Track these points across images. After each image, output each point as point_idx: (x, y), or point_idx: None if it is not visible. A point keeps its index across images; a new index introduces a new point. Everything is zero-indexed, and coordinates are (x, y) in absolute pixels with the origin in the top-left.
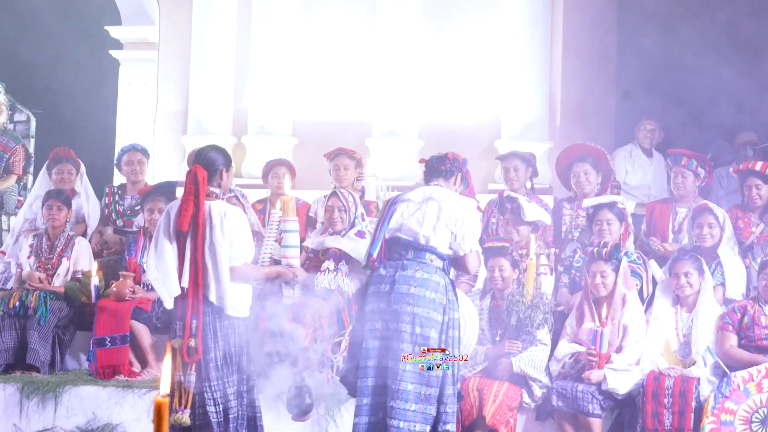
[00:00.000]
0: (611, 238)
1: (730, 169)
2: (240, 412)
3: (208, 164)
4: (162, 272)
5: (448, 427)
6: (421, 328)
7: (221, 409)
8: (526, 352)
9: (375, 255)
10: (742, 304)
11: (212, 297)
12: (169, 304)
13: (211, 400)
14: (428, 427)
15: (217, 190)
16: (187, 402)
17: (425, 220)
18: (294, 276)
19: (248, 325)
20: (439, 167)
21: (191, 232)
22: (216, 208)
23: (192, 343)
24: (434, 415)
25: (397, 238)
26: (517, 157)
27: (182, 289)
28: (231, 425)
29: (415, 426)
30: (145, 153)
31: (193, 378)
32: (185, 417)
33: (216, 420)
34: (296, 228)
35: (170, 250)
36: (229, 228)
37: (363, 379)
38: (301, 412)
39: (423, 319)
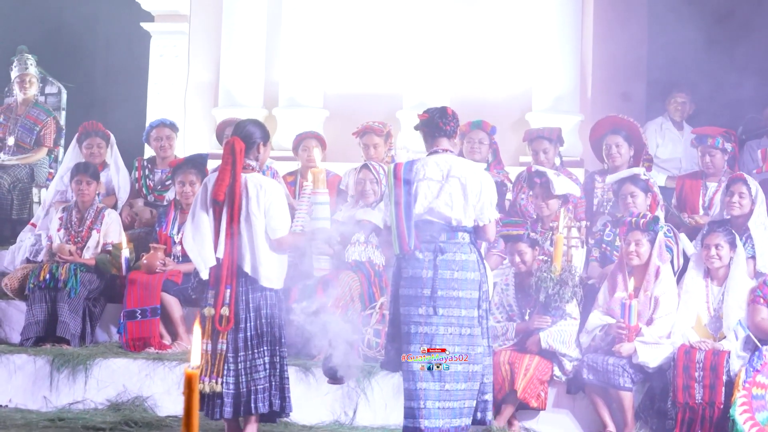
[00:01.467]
0: (637, 210)
1: (759, 152)
2: (273, 382)
3: (246, 137)
4: (198, 242)
5: (486, 396)
6: (466, 310)
7: (243, 380)
8: (555, 327)
9: (412, 245)
10: None
11: (246, 267)
12: (204, 275)
13: (232, 371)
14: (474, 402)
15: (253, 163)
16: (219, 370)
17: (453, 202)
18: (335, 240)
19: (281, 297)
20: (444, 127)
21: (227, 203)
22: (252, 180)
23: (225, 311)
24: (477, 389)
25: (427, 221)
26: (544, 139)
27: (217, 259)
28: (260, 395)
29: (464, 403)
30: (173, 128)
31: (224, 346)
32: (218, 386)
33: (226, 390)
34: (327, 200)
35: (207, 221)
36: (265, 200)
37: (412, 364)
38: (336, 375)
39: (467, 301)
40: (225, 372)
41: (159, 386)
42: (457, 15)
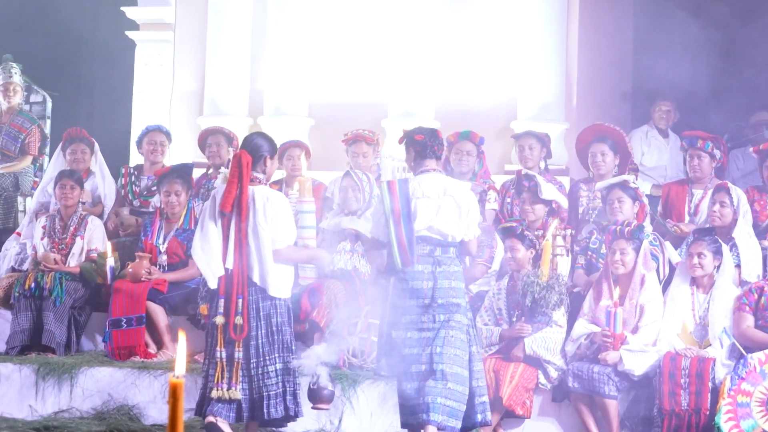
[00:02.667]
0: (623, 216)
1: (750, 149)
2: (287, 388)
3: (254, 150)
4: (207, 253)
5: (483, 398)
6: (462, 315)
7: (255, 386)
8: (540, 333)
9: (414, 259)
10: (759, 285)
11: (255, 277)
12: (213, 284)
13: (245, 378)
14: (464, 406)
15: (261, 176)
16: (237, 378)
17: (450, 220)
18: (329, 263)
19: (289, 305)
20: (438, 150)
21: (236, 215)
22: (259, 193)
23: (239, 321)
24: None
25: (425, 237)
26: (532, 135)
27: (226, 270)
28: (272, 401)
29: (460, 406)
30: (168, 136)
31: (241, 354)
32: (236, 393)
33: (243, 396)
34: (313, 209)
35: (215, 232)
36: (272, 212)
37: (415, 365)
38: (320, 400)
39: (463, 307)
40: (240, 379)
41: (144, 395)
42: (442, 24)
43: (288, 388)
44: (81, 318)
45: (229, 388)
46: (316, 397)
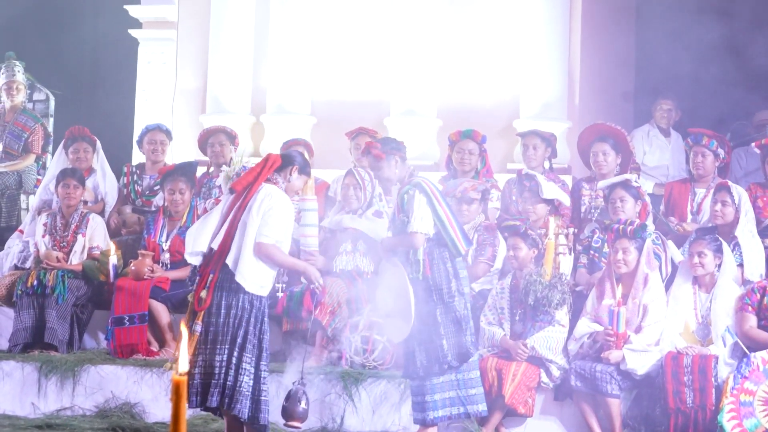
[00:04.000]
0: (625, 215)
1: (753, 144)
2: (227, 383)
3: (285, 156)
4: (198, 229)
5: (473, 391)
6: None
7: (200, 372)
8: (542, 332)
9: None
10: (762, 285)
11: (229, 260)
12: (190, 259)
13: (199, 360)
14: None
15: (280, 180)
16: (194, 350)
17: None
18: (317, 279)
19: (259, 306)
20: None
21: (239, 202)
22: (266, 189)
23: (203, 294)
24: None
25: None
26: (537, 135)
27: (211, 249)
28: (211, 389)
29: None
30: (168, 135)
31: (199, 327)
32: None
33: (191, 381)
34: (315, 207)
35: (217, 212)
36: (267, 206)
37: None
38: (293, 419)
39: None
40: (198, 359)
41: (147, 393)
42: (444, 22)
43: (241, 389)
44: (83, 316)
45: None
46: (288, 414)
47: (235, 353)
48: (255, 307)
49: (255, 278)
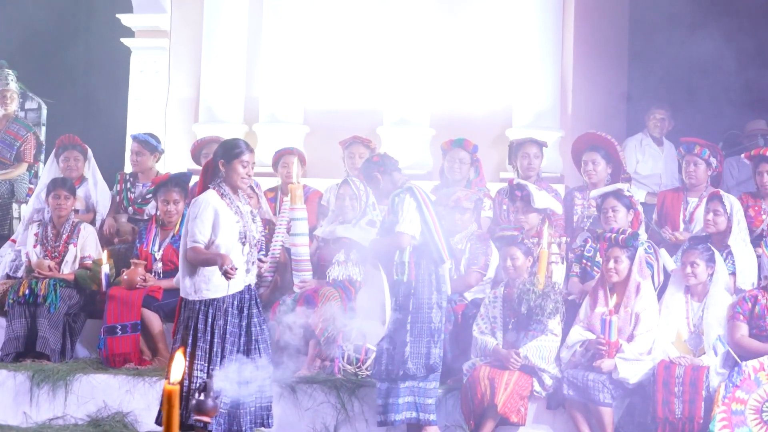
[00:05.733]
0: (617, 225)
1: (743, 155)
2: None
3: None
4: None
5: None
6: None
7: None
8: (535, 342)
9: None
10: (753, 294)
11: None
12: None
13: None
14: None
15: (218, 180)
16: None
17: None
18: (226, 264)
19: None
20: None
21: None
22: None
23: None
24: None
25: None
26: (535, 143)
27: None
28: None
29: None
30: (144, 144)
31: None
32: None
33: None
34: (304, 216)
35: None
36: (188, 214)
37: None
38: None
39: None
40: None
41: (139, 402)
42: (437, 31)
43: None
44: (76, 325)
45: None
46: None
47: (188, 361)
48: (199, 311)
49: (189, 286)
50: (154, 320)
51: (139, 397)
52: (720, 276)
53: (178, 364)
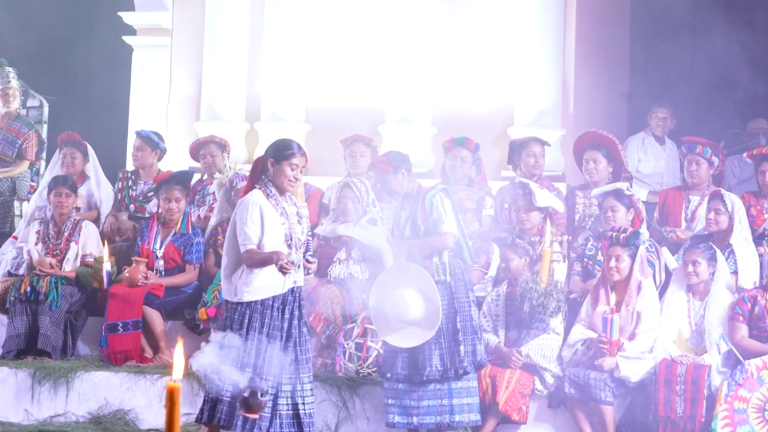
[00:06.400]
0: (617, 224)
1: (744, 155)
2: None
3: (261, 158)
4: None
5: None
6: None
7: None
8: (537, 340)
9: None
10: (752, 294)
11: None
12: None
13: None
14: None
15: (265, 180)
16: None
17: None
18: (281, 259)
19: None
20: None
21: None
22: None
23: None
24: None
25: None
26: (539, 142)
27: None
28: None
29: None
30: (146, 140)
31: None
32: None
33: None
34: (305, 214)
35: None
36: (236, 215)
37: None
38: (247, 407)
39: None
40: None
41: (140, 399)
42: (439, 30)
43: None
44: (77, 322)
45: None
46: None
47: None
48: (235, 313)
49: (229, 288)
50: (156, 318)
51: (140, 394)
52: (722, 275)
53: (179, 361)
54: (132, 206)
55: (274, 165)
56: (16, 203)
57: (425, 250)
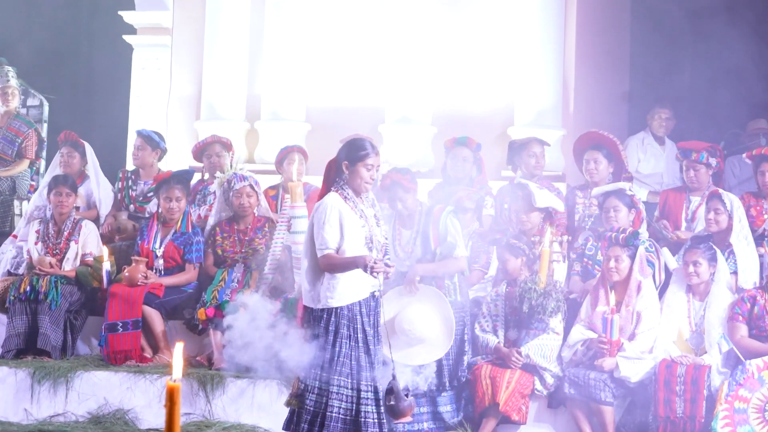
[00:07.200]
0: (618, 224)
1: (744, 155)
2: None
3: (335, 160)
4: None
5: None
6: None
7: None
8: (537, 340)
9: None
10: (752, 294)
11: None
12: None
13: None
14: None
15: (341, 183)
16: None
17: None
18: (368, 261)
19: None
20: None
21: None
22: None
23: None
24: None
25: None
26: (539, 143)
27: None
28: None
29: None
30: (147, 140)
31: None
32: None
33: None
34: (304, 214)
35: None
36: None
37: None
38: (396, 413)
39: None
40: None
41: (140, 399)
42: (439, 29)
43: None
44: (77, 322)
45: None
46: (396, 411)
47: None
48: (319, 319)
49: (306, 294)
50: (155, 317)
51: (140, 394)
52: (722, 275)
53: (178, 361)
54: (132, 206)
55: (349, 167)
56: (16, 202)
57: (440, 273)
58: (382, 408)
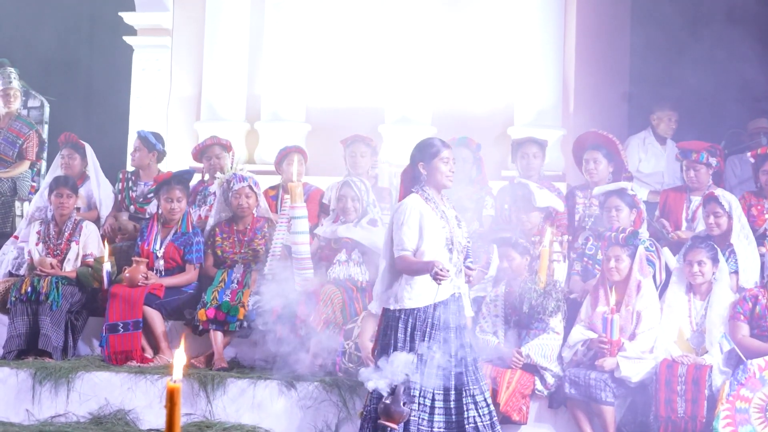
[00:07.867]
0: (620, 224)
1: (748, 154)
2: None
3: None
4: None
5: None
6: None
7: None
8: (537, 340)
9: None
10: (753, 293)
11: None
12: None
13: None
14: None
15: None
16: None
17: None
18: (436, 266)
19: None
20: None
21: None
22: None
23: None
24: None
25: None
26: (535, 143)
27: None
28: None
29: None
30: (144, 141)
31: None
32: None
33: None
34: (304, 214)
35: None
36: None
37: None
38: (387, 415)
39: None
40: None
41: (141, 400)
42: (439, 30)
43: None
44: (78, 322)
45: None
46: (387, 412)
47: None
48: (395, 318)
49: (385, 294)
50: (156, 318)
51: (140, 394)
52: (723, 274)
53: (179, 361)
54: (132, 207)
55: (425, 167)
56: (17, 203)
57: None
58: (485, 410)
